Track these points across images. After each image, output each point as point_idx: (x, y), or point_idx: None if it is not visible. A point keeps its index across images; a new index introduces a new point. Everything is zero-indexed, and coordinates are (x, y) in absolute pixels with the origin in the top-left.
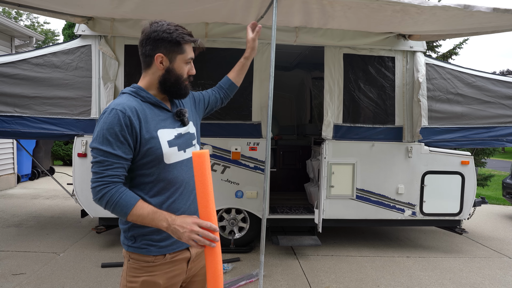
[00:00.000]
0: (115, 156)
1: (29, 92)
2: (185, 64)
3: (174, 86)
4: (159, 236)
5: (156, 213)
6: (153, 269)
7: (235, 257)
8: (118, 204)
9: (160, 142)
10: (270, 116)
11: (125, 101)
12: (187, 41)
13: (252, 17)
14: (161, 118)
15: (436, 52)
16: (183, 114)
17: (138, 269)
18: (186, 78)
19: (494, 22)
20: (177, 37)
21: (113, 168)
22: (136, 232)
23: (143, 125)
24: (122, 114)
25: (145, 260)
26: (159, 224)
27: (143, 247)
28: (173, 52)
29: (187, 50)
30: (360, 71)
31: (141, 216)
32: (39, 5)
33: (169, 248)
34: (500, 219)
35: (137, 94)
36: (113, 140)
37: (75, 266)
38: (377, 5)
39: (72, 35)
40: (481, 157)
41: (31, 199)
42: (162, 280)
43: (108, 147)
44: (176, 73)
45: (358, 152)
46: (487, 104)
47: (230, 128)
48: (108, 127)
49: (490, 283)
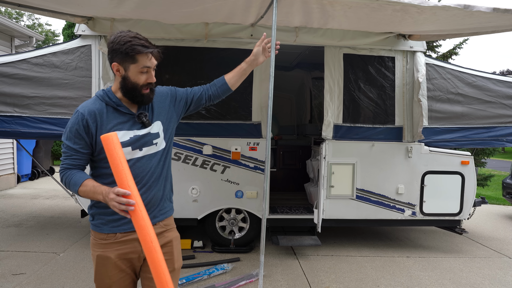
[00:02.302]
0: (73, 149)
1: (29, 92)
2: (140, 73)
3: (131, 93)
4: (111, 217)
5: (95, 188)
6: (105, 246)
7: (235, 257)
8: (70, 183)
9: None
10: (270, 116)
11: (89, 104)
12: (137, 52)
13: (252, 17)
14: (119, 121)
15: (436, 52)
16: (141, 118)
17: (95, 244)
18: (143, 86)
19: (494, 22)
20: (127, 49)
21: (71, 158)
22: (95, 212)
23: (99, 128)
24: (81, 116)
25: (99, 238)
26: (98, 197)
27: (98, 226)
28: (125, 62)
29: (140, 60)
30: (360, 71)
31: (85, 192)
32: (39, 5)
33: (119, 228)
34: (500, 219)
35: (103, 98)
36: (73, 136)
37: (75, 266)
38: (377, 4)
39: (72, 35)
40: (481, 157)
41: (31, 199)
42: (113, 255)
43: (68, 141)
44: (131, 81)
45: (358, 152)
46: (487, 104)
47: (230, 128)
48: (71, 126)
49: (490, 283)
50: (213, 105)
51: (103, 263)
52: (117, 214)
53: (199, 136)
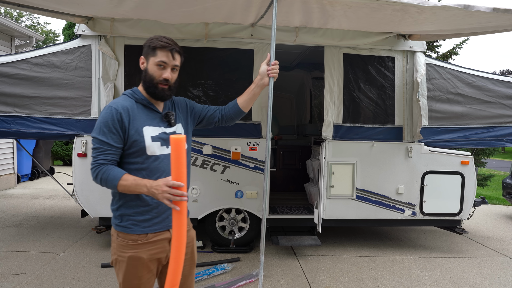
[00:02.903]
0: (107, 144)
1: (29, 92)
2: (156, 67)
3: (149, 86)
4: (142, 217)
5: (137, 181)
6: (137, 247)
7: (235, 257)
8: (108, 179)
9: (144, 136)
10: (270, 116)
11: (121, 101)
12: (157, 46)
13: (252, 17)
14: (149, 117)
15: (436, 52)
16: (169, 116)
17: (125, 246)
18: (160, 81)
19: (494, 22)
20: (150, 42)
21: (105, 153)
22: (123, 213)
23: (132, 121)
24: (115, 110)
25: (130, 238)
26: (141, 190)
27: (129, 227)
28: (147, 55)
29: (159, 54)
30: (360, 71)
31: (126, 186)
32: (39, 5)
33: (150, 229)
34: (500, 219)
35: (132, 95)
36: (107, 131)
37: (75, 266)
38: (377, 4)
39: (72, 35)
40: (481, 157)
41: (31, 199)
42: (145, 255)
43: (102, 136)
44: (149, 73)
45: (358, 152)
46: (487, 104)
47: (230, 128)
48: (104, 121)
49: (490, 283)
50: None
51: (134, 264)
52: (148, 214)
53: (199, 136)
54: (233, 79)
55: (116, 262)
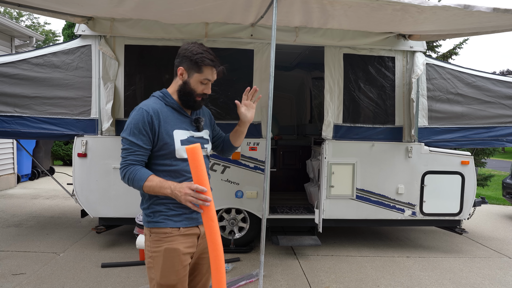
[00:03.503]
0: (137, 145)
1: (29, 92)
2: (199, 83)
3: (186, 97)
4: (173, 212)
5: (162, 183)
6: (172, 239)
7: (235, 257)
8: (134, 179)
9: (174, 139)
10: (270, 116)
11: (151, 103)
12: (206, 65)
13: (252, 17)
14: (179, 121)
15: (436, 52)
16: (199, 121)
17: (159, 240)
18: (199, 94)
19: (494, 22)
20: (197, 59)
21: (134, 154)
22: (154, 209)
23: (162, 124)
24: (146, 113)
25: (164, 232)
26: (165, 191)
27: (161, 221)
28: (191, 70)
29: (205, 72)
30: (360, 71)
31: (151, 187)
32: (39, 5)
33: (182, 223)
34: (500, 219)
35: (163, 98)
36: (137, 132)
37: (75, 266)
38: (377, 4)
39: (72, 35)
40: (481, 157)
41: (31, 199)
42: (181, 247)
43: (132, 137)
44: (190, 87)
45: (358, 152)
46: (487, 104)
47: (230, 128)
48: (135, 122)
49: (490, 283)
50: (213, 105)
51: (171, 256)
52: (178, 210)
53: None
54: (233, 79)
55: (151, 261)
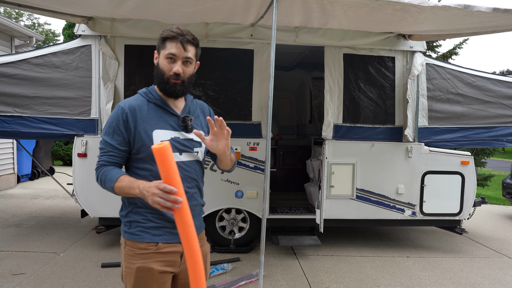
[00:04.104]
0: (111, 145)
1: (29, 92)
2: (166, 60)
3: (161, 83)
4: (152, 223)
5: (132, 182)
6: (146, 256)
7: (235, 257)
8: (106, 180)
9: (153, 141)
10: (270, 116)
11: (131, 100)
12: (166, 36)
13: (252, 17)
14: (162, 120)
15: (436, 52)
16: (186, 121)
17: (133, 256)
18: (170, 76)
19: (494, 22)
20: (162, 34)
21: (108, 155)
22: (131, 218)
23: (140, 123)
24: (122, 110)
25: (138, 247)
26: (133, 192)
27: (137, 234)
28: (159, 48)
29: (168, 46)
30: (360, 71)
31: (121, 187)
32: (39, 5)
33: (161, 238)
34: (500, 219)
35: (146, 94)
36: (112, 132)
37: (75, 266)
38: (377, 4)
39: (72, 35)
40: (481, 157)
41: (31, 199)
42: (156, 266)
43: (107, 137)
44: (160, 68)
45: (358, 152)
46: (487, 104)
47: (230, 128)
48: (110, 121)
49: (490, 283)
50: (213, 105)
51: (143, 277)
52: (159, 222)
53: None
54: (233, 79)
55: (124, 276)
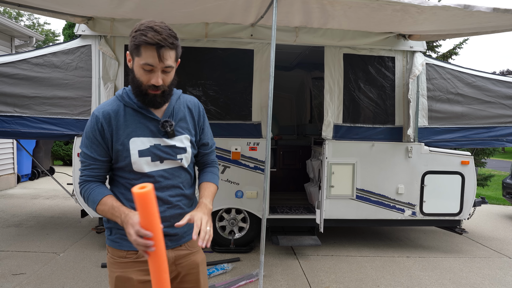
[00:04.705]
0: (91, 158)
1: (29, 92)
2: (142, 69)
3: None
4: None
5: (114, 209)
6: (125, 265)
7: (235, 257)
8: (89, 199)
9: (129, 150)
10: (270, 116)
11: (105, 106)
12: (140, 43)
13: (252, 17)
14: (140, 126)
15: (436, 52)
16: (165, 126)
17: (113, 264)
18: (148, 87)
19: (494, 22)
20: (135, 38)
21: (89, 168)
22: (111, 225)
23: (116, 131)
24: (96, 119)
25: (118, 255)
26: (116, 220)
27: (117, 241)
28: (133, 53)
29: (143, 54)
30: (360, 71)
31: (103, 211)
32: (39, 5)
33: None
34: (500, 219)
35: (122, 98)
36: (90, 143)
37: (75, 266)
38: (377, 4)
39: (72, 35)
40: (481, 157)
41: (31, 199)
42: (135, 276)
43: (85, 149)
44: (136, 76)
45: (358, 152)
46: (487, 104)
47: (230, 128)
48: (86, 131)
49: (490, 283)
50: (213, 105)
51: (123, 286)
52: None
53: None
54: (233, 79)
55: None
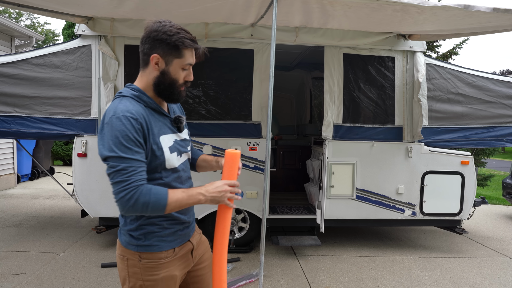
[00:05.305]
0: (136, 161)
1: (29, 92)
2: (181, 69)
3: (168, 90)
4: (167, 231)
5: (187, 192)
6: (168, 264)
7: (235, 257)
8: (152, 202)
9: (162, 148)
10: (270, 116)
11: (132, 107)
12: (187, 46)
13: (252, 17)
14: (161, 124)
15: (436, 52)
16: (181, 121)
17: (154, 267)
18: (181, 84)
19: (494, 22)
20: (177, 40)
21: (137, 173)
22: (146, 230)
23: (150, 132)
24: (133, 120)
25: (158, 257)
26: (196, 199)
27: (155, 244)
28: (170, 55)
29: (186, 55)
30: (360, 71)
31: (178, 201)
32: (39, 5)
33: (176, 242)
34: (500, 219)
35: (140, 99)
36: (132, 146)
37: (75, 266)
38: (377, 4)
39: (72, 35)
40: (481, 157)
41: (31, 199)
42: (177, 272)
43: (126, 154)
44: (171, 76)
45: (358, 152)
46: (487, 104)
47: (230, 128)
48: (123, 134)
49: (490, 283)
50: (213, 105)
51: (168, 285)
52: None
53: (199, 136)
54: (233, 79)
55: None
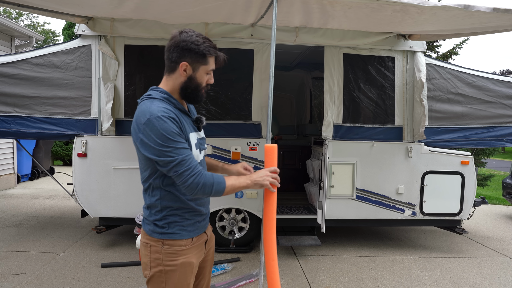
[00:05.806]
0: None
1: (29, 92)
2: (205, 74)
3: (193, 93)
4: (188, 221)
5: (238, 179)
6: (187, 251)
7: (235, 257)
8: (216, 184)
9: (192, 144)
10: (270, 116)
11: (165, 107)
12: (212, 54)
13: (252, 17)
14: (187, 123)
15: (436, 52)
16: (202, 121)
17: (175, 253)
18: (204, 87)
19: (494, 22)
20: (204, 49)
21: (193, 160)
22: (169, 220)
23: (183, 129)
24: (172, 118)
25: (179, 245)
26: (245, 183)
27: (177, 232)
28: (197, 63)
29: (210, 62)
30: (360, 71)
31: (232, 186)
32: (39, 5)
33: (195, 232)
34: (500, 219)
35: (169, 101)
36: (179, 139)
37: (75, 266)
38: (377, 5)
39: (72, 35)
40: (481, 157)
41: (31, 199)
42: (195, 260)
43: (181, 144)
44: (197, 81)
45: (358, 152)
46: (487, 104)
47: (230, 128)
48: (169, 131)
49: (490, 283)
50: (213, 105)
51: (186, 270)
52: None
53: None
54: (233, 79)
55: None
